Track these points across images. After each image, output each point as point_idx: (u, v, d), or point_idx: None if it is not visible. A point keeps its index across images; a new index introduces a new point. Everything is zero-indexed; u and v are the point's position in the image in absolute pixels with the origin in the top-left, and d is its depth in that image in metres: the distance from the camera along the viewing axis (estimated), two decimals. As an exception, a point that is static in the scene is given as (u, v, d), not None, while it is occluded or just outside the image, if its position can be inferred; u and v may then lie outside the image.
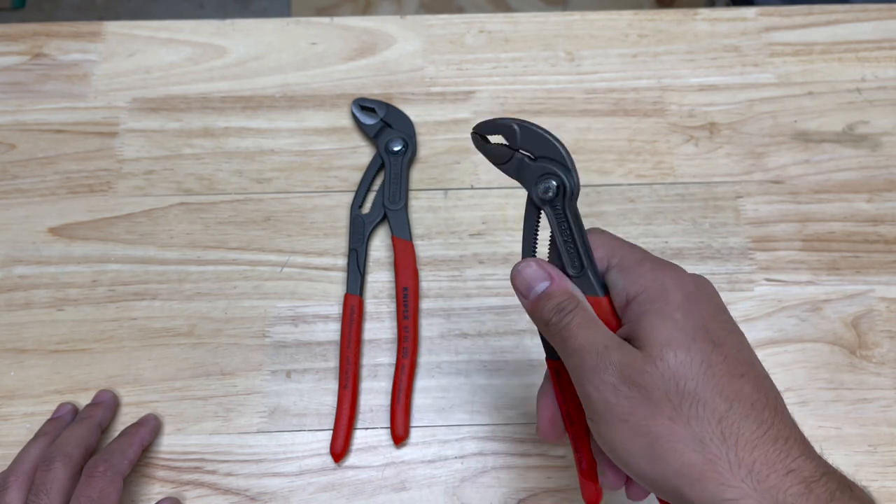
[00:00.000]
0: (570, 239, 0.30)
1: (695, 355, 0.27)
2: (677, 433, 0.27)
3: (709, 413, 0.26)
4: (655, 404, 0.27)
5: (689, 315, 0.28)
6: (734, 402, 0.27)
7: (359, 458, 0.43)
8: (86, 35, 0.54)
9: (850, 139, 0.52)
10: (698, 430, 0.26)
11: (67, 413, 0.43)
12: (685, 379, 0.27)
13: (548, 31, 0.55)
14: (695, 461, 0.26)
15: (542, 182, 0.29)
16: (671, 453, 0.27)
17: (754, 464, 0.26)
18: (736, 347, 0.28)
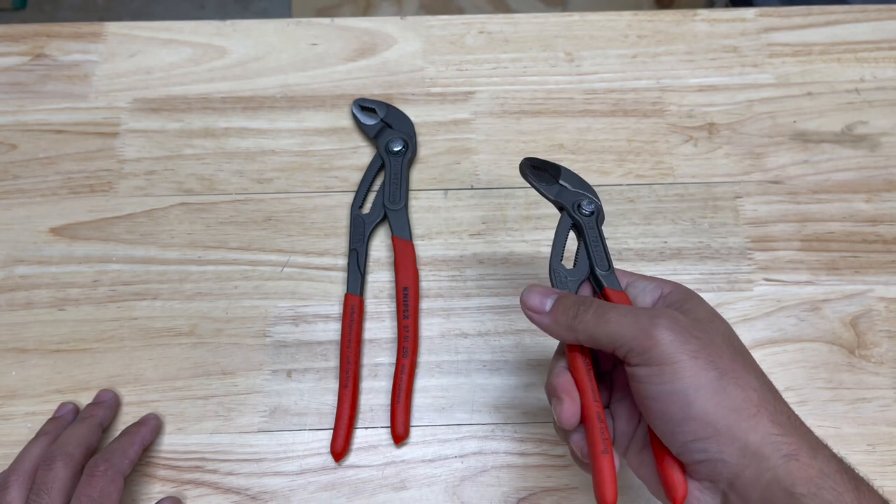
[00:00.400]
0: (601, 246, 0.38)
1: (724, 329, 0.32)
2: (739, 372, 0.30)
3: (752, 367, 0.31)
4: (719, 346, 0.31)
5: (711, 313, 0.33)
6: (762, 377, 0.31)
7: (359, 458, 0.43)
8: (87, 35, 0.55)
9: (848, 139, 0.52)
10: (751, 377, 0.30)
11: (68, 412, 0.43)
12: (733, 338, 0.32)
13: (547, 31, 0.55)
14: (752, 398, 0.30)
15: (584, 203, 0.39)
16: (735, 387, 0.30)
17: (791, 414, 0.31)
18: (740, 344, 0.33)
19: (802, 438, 0.30)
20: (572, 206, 0.39)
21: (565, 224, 0.39)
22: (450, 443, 0.44)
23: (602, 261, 0.37)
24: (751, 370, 0.31)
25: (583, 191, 0.39)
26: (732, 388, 0.30)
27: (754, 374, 0.31)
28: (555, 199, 0.40)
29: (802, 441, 0.30)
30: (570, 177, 0.40)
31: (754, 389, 0.30)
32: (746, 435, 0.29)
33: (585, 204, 0.39)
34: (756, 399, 0.30)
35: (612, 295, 0.36)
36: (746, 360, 0.32)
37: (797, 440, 0.30)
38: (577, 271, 0.38)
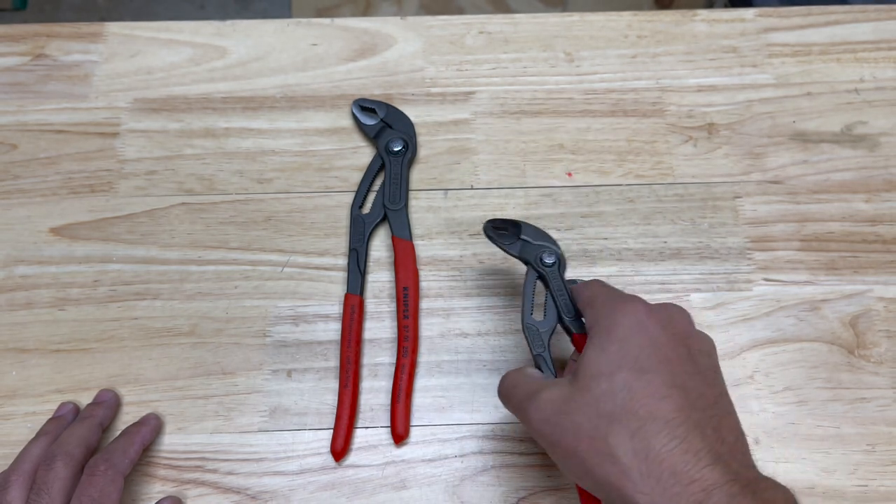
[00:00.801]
0: (565, 294, 0.40)
1: (616, 382, 0.32)
2: (597, 450, 0.31)
3: (623, 431, 0.31)
4: (578, 428, 0.32)
5: (625, 347, 0.33)
6: (647, 420, 0.30)
7: (359, 457, 0.43)
8: (87, 36, 0.55)
9: (848, 139, 0.52)
10: (614, 446, 0.31)
11: (69, 412, 0.43)
12: (605, 402, 0.32)
13: (547, 31, 0.55)
14: (611, 473, 0.30)
15: (546, 255, 0.41)
16: (595, 468, 0.31)
17: (661, 474, 0.29)
18: (669, 373, 0.32)
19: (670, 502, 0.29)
20: (535, 259, 0.41)
21: (531, 277, 0.41)
22: (450, 442, 0.44)
23: (568, 308, 0.40)
24: (622, 430, 0.31)
25: (544, 243, 0.42)
26: (594, 462, 0.31)
27: (627, 433, 0.31)
28: (518, 254, 0.42)
29: None
30: (530, 231, 0.42)
31: (618, 457, 0.31)
32: None
33: (546, 256, 0.41)
34: (621, 467, 0.30)
35: (579, 339, 0.39)
36: (620, 419, 0.31)
37: None
38: (546, 321, 0.40)
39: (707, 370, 0.33)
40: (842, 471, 0.43)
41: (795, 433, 0.44)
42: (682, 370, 0.32)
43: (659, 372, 0.32)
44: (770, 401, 0.45)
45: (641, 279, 0.48)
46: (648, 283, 0.48)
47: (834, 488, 0.43)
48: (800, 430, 0.44)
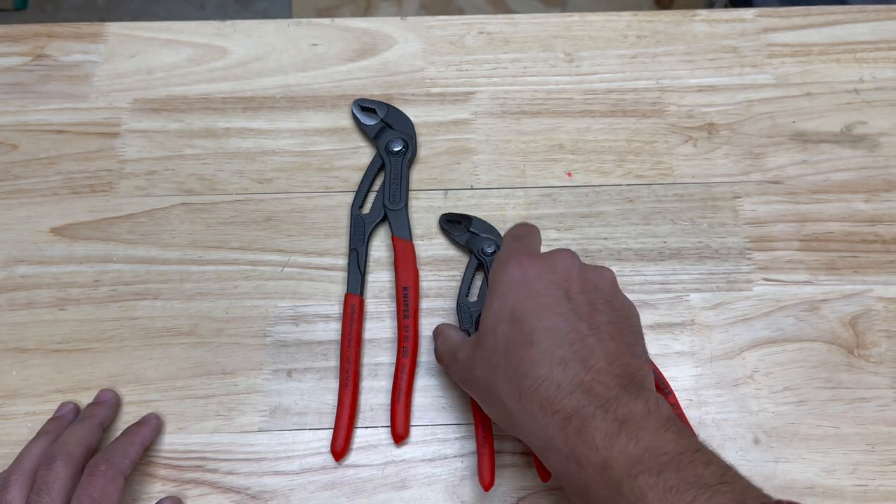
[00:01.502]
0: None
1: (499, 336, 0.36)
2: (490, 398, 0.36)
3: (502, 378, 0.35)
4: (478, 380, 0.37)
5: (503, 301, 0.36)
6: (518, 365, 0.34)
7: (359, 457, 0.44)
8: (87, 36, 0.55)
9: (848, 139, 0.52)
10: (499, 393, 0.35)
11: (69, 412, 0.43)
12: (492, 355, 0.36)
13: (547, 32, 0.55)
14: (501, 416, 0.36)
15: (486, 246, 0.47)
16: (492, 413, 0.37)
17: (532, 410, 0.33)
18: (539, 318, 0.35)
19: (542, 436, 0.33)
20: (477, 249, 0.47)
21: (472, 264, 0.47)
22: (450, 442, 0.44)
23: None
24: (503, 378, 0.35)
25: (489, 235, 0.48)
26: (495, 406, 0.36)
27: (505, 379, 0.35)
28: (464, 244, 0.48)
29: (541, 440, 0.33)
30: (479, 225, 0.48)
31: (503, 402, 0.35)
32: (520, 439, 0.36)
33: (486, 246, 0.47)
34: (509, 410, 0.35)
35: None
36: (501, 369, 0.35)
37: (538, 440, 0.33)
38: (477, 303, 0.46)
39: (583, 305, 0.35)
40: (841, 471, 0.43)
41: (795, 433, 0.44)
42: (555, 311, 0.35)
43: (530, 318, 0.35)
44: (770, 401, 0.45)
45: (641, 279, 0.48)
46: (648, 283, 0.48)
47: (833, 488, 0.43)
48: (799, 429, 0.44)
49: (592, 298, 0.36)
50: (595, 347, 0.34)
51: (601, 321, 0.35)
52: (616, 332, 0.35)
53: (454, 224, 0.48)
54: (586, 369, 0.33)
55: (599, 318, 0.35)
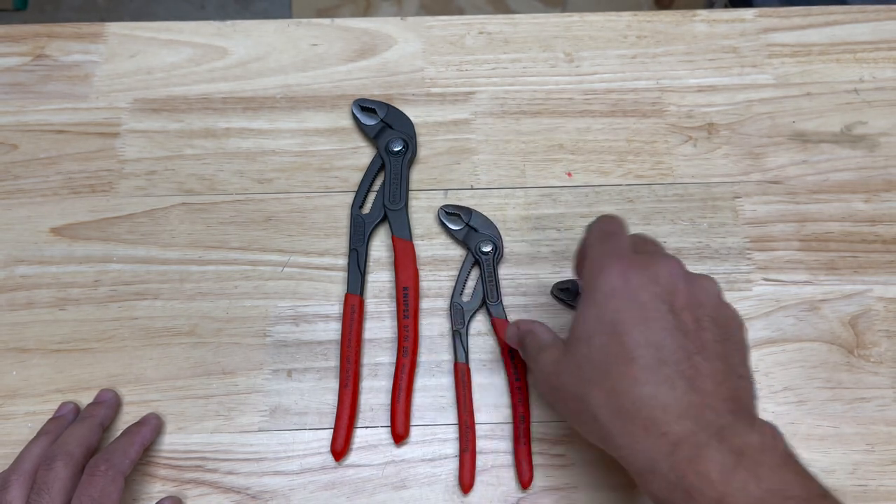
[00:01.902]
0: (494, 282, 0.47)
1: (594, 346, 0.34)
2: (581, 411, 0.34)
3: (600, 392, 0.33)
4: (565, 390, 0.35)
5: (603, 310, 0.34)
6: (618, 380, 0.33)
7: (359, 457, 0.44)
8: (87, 36, 0.55)
9: (847, 140, 0.52)
10: (594, 407, 0.33)
11: (69, 412, 0.43)
12: (585, 366, 0.34)
13: (547, 32, 0.55)
14: (595, 431, 0.34)
15: (484, 244, 0.47)
16: (582, 427, 0.36)
17: (634, 430, 0.32)
18: (643, 332, 0.33)
19: (643, 457, 0.32)
20: (474, 246, 0.47)
21: (468, 262, 0.47)
22: (450, 442, 0.44)
23: (493, 294, 0.46)
24: (599, 392, 0.33)
25: (489, 232, 0.47)
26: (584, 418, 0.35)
27: (603, 393, 0.33)
28: (462, 240, 0.48)
29: (642, 461, 0.32)
30: (479, 220, 0.48)
31: (598, 418, 0.33)
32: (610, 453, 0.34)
33: (484, 245, 0.47)
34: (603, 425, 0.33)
35: (496, 322, 0.46)
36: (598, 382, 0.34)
37: (638, 460, 0.32)
38: (471, 302, 0.46)
39: (689, 322, 0.34)
40: (841, 470, 0.43)
41: (795, 433, 0.44)
42: (660, 327, 0.33)
43: (633, 332, 0.33)
44: (770, 401, 0.45)
45: (641, 279, 0.48)
46: (648, 283, 0.48)
47: (833, 488, 0.42)
48: (799, 429, 0.44)
49: (698, 315, 0.34)
50: (701, 367, 0.32)
51: (707, 339, 0.33)
52: (722, 351, 0.33)
53: (453, 217, 0.48)
54: (694, 391, 0.31)
55: (705, 336, 0.33)
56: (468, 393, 0.44)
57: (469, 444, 0.43)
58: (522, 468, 0.42)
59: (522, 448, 0.43)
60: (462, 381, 0.44)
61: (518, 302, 0.47)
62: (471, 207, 0.49)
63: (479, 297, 0.46)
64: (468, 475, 0.42)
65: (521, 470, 0.42)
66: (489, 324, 0.47)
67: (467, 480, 0.42)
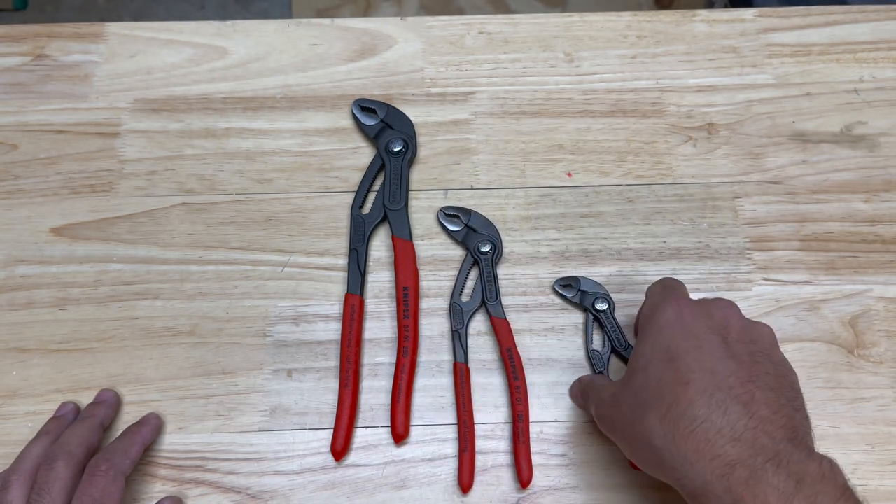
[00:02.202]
0: (493, 281, 0.47)
1: (650, 373, 0.35)
2: (637, 435, 0.35)
3: (654, 416, 0.34)
4: (623, 419, 0.36)
5: (657, 340, 0.36)
6: (673, 404, 0.33)
7: (359, 457, 0.44)
8: (87, 36, 0.55)
9: (847, 140, 0.52)
10: (648, 430, 0.34)
11: (69, 412, 0.43)
12: (642, 392, 0.35)
13: (547, 32, 0.55)
14: (650, 455, 0.34)
15: (482, 245, 0.47)
16: (639, 452, 0.35)
17: (687, 453, 0.32)
18: (696, 359, 0.34)
19: (697, 477, 0.31)
20: (473, 247, 0.47)
21: (468, 262, 0.47)
22: (450, 442, 0.44)
23: (491, 294, 0.47)
24: (654, 416, 0.33)
25: (487, 233, 0.48)
26: (640, 445, 0.35)
27: (657, 417, 0.33)
28: (461, 241, 0.48)
29: (696, 480, 0.31)
30: (478, 220, 0.48)
31: (652, 442, 0.33)
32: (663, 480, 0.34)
33: (482, 245, 0.47)
34: (657, 449, 0.33)
35: (496, 322, 0.46)
36: (653, 406, 0.34)
37: (691, 481, 0.32)
38: (471, 303, 0.47)
39: (742, 354, 0.34)
40: (841, 470, 0.43)
41: (795, 433, 0.44)
42: (712, 355, 0.34)
43: (686, 358, 0.34)
44: (769, 400, 0.45)
45: (641, 279, 0.48)
46: (648, 283, 0.47)
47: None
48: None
49: (751, 349, 0.35)
50: (756, 394, 0.33)
51: (760, 371, 0.34)
52: (776, 385, 0.34)
53: (452, 217, 0.48)
54: (749, 416, 0.32)
55: (759, 369, 0.34)
56: (468, 393, 0.44)
57: (468, 444, 0.43)
58: (522, 468, 0.42)
59: (522, 448, 0.43)
60: (461, 381, 0.44)
61: (518, 302, 0.47)
62: (470, 208, 0.49)
63: (479, 298, 0.47)
64: (468, 475, 0.42)
65: (520, 470, 0.42)
66: (489, 324, 0.47)
67: (467, 480, 0.42)
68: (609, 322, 0.46)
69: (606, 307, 0.46)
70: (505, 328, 0.46)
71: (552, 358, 0.46)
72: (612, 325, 0.46)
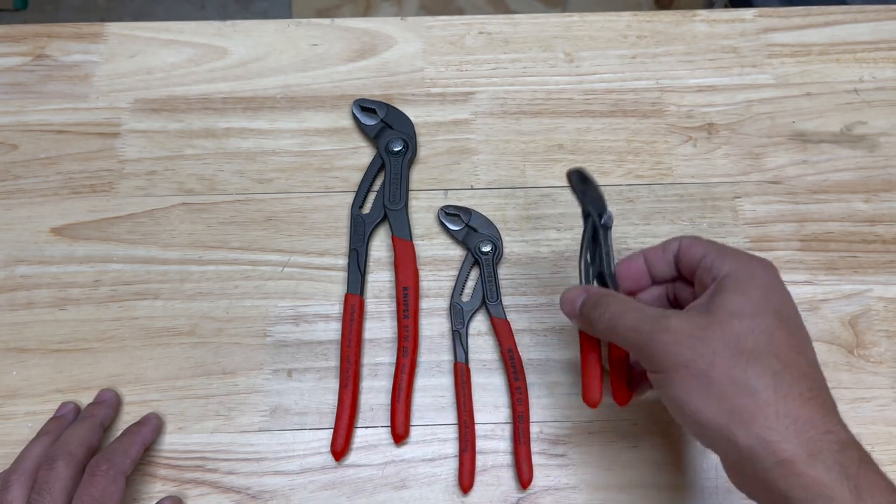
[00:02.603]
0: (493, 281, 0.47)
1: (759, 324, 0.32)
2: (735, 379, 0.31)
3: (764, 368, 0.31)
4: (715, 354, 0.32)
5: (768, 296, 0.33)
6: (789, 366, 0.31)
7: (359, 457, 0.44)
8: (87, 36, 0.55)
9: (847, 140, 0.52)
10: (754, 380, 0.31)
11: (70, 412, 0.43)
12: (747, 339, 0.32)
13: (547, 32, 0.55)
14: (747, 404, 0.31)
15: (483, 244, 0.47)
16: (727, 395, 0.31)
17: (799, 417, 0.30)
18: (801, 332, 0.34)
19: (804, 444, 0.30)
20: (474, 247, 0.47)
21: (468, 262, 0.47)
22: (450, 442, 0.44)
23: (492, 294, 0.47)
24: (764, 368, 0.31)
25: (488, 233, 0.48)
26: (728, 390, 0.31)
27: (769, 371, 0.31)
28: (462, 240, 0.48)
29: (802, 447, 0.30)
30: (479, 220, 0.48)
31: (757, 391, 0.31)
32: (737, 438, 0.31)
33: (483, 245, 0.47)
34: (757, 401, 0.30)
35: (496, 322, 0.46)
36: (763, 357, 0.32)
37: (795, 446, 0.30)
38: (471, 302, 0.46)
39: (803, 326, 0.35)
40: (841, 470, 0.43)
41: (795, 433, 0.44)
42: (808, 337, 0.34)
43: (802, 329, 0.34)
44: (769, 400, 0.45)
45: (641, 279, 0.48)
46: (648, 283, 0.48)
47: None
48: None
49: None
50: (818, 377, 0.33)
51: (809, 340, 0.34)
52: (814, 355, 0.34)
53: (452, 217, 0.48)
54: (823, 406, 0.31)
55: (808, 336, 0.34)
56: (468, 393, 0.44)
57: (469, 444, 0.43)
58: (522, 468, 0.42)
59: (522, 448, 0.43)
60: (462, 381, 0.44)
61: (518, 302, 0.47)
62: (470, 208, 0.49)
63: (479, 297, 0.47)
64: (468, 475, 0.42)
65: (520, 470, 0.42)
66: (489, 324, 0.47)
67: (467, 480, 0.42)
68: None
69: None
70: (505, 328, 0.46)
71: (552, 358, 0.46)
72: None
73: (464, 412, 0.43)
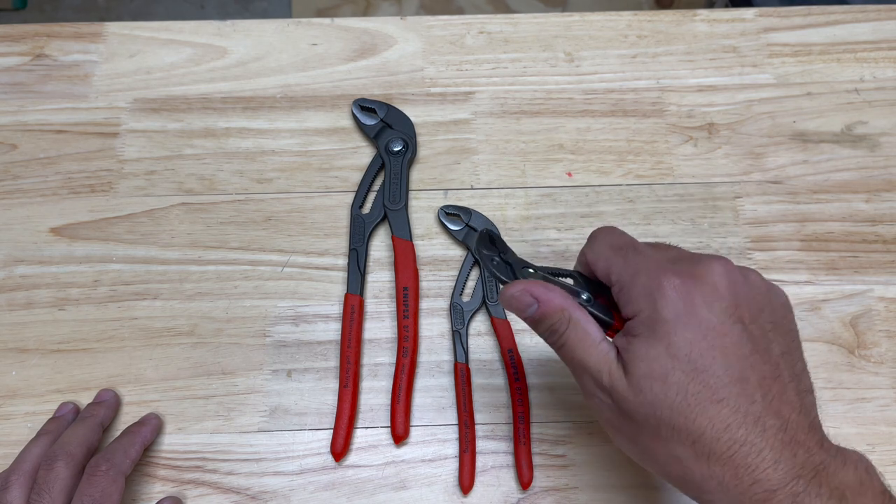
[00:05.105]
0: (493, 281, 0.47)
1: (671, 387, 0.30)
2: (657, 451, 0.31)
3: (683, 437, 0.30)
4: (639, 425, 0.31)
5: (675, 342, 0.30)
6: (706, 428, 0.30)
7: (359, 457, 0.43)
8: (87, 36, 0.55)
9: (848, 139, 0.52)
10: (675, 449, 0.30)
11: (69, 412, 0.43)
12: (661, 408, 0.30)
13: (547, 31, 0.55)
14: (674, 472, 0.31)
15: None
16: (655, 464, 0.32)
17: (724, 477, 0.29)
18: (724, 367, 0.30)
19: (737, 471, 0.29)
20: (474, 247, 0.47)
21: (469, 261, 0.48)
22: (450, 442, 0.44)
23: (492, 294, 0.47)
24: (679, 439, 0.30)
25: None
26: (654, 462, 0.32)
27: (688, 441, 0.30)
28: (462, 240, 0.48)
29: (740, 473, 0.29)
30: (478, 219, 0.48)
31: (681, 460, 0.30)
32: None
33: None
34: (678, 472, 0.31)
35: (496, 322, 0.46)
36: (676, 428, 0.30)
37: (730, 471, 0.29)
38: (471, 302, 0.46)
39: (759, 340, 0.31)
40: (842, 471, 0.43)
41: (795, 433, 0.44)
42: (739, 356, 0.30)
43: (714, 368, 0.30)
44: (770, 401, 0.45)
45: (641, 279, 0.48)
46: (648, 283, 0.48)
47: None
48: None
49: (762, 325, 0.31)
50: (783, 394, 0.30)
51: (776, 354, 0.31)
52: (790, 364, 0.31)
53: (453, 217, 0.48)
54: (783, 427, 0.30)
55: (774, 351, 0.31)
56: (468, 393, 0.44)
57: (469, 445, 0.43)
58: (522, 469, 0.42)
59: (522, 448, 0.43)
60: (462, 381, 0.44)
61: (518, 302, 0.47)
62: (470, 208, 0.49)
63: (479, 298, 0.47)
64: (468, 476, 0.42)
65: (521, 470, 0.42)
66: (489, 324, 0.46)
67: (467, 481, 0.42)
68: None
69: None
70: (506, 329, 0.45)
71: (552, 358, 0.46)
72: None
73: (464, 412, 0.43)
